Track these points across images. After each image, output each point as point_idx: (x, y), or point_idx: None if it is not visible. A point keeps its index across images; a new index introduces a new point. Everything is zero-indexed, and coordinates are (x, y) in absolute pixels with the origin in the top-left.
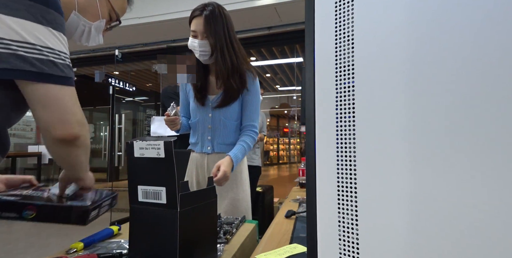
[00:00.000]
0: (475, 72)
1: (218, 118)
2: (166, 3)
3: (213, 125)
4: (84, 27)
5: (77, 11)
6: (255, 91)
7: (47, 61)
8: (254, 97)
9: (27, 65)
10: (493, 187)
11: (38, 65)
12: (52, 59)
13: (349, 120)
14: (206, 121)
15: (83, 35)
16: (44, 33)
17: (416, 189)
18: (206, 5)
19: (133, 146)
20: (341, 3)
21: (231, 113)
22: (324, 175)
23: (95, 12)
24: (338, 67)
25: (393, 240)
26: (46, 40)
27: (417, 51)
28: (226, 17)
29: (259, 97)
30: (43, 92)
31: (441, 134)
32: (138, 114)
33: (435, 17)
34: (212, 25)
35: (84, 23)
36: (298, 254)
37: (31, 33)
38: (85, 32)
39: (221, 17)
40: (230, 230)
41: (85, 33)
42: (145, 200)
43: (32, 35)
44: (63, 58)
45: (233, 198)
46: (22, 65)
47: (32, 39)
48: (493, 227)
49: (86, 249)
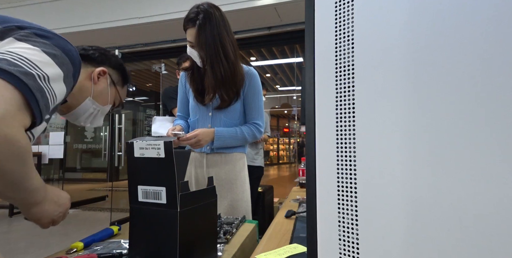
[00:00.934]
0: (475, 72)
1: (219, 117)
2: (166, 3)
3: (213, 125)
4: (93, 111)
5: (92, 98)
6: (254, 90)
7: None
8: (254, 95)
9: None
10: (493, 187)
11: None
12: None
13: (349, 121)
14: (206, 120)
15: (90, 117)
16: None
17: (416, 189)
18: (198, 12)
19: (133, 146)
20: (341, 3)
21: (231, 113)
22: (324, 175)
23: (106, 98)
24: (338, 67)
25: (393, 240)
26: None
27: (417, 51)
28: (219, 20)
29: (261, 95)
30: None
31: (441, 133)
32: (138, 114)
33: (435, 17)
34: (204, 37)
35: (95, 107)
36: (298, 254)
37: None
38: (92, 115)
39: (213, 22)
40: (230, 230)
41: (92, 115)
42: (145, 200)
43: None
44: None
45: (232, 198)
46: None
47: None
48: (493, 227)
49: (86, 249)
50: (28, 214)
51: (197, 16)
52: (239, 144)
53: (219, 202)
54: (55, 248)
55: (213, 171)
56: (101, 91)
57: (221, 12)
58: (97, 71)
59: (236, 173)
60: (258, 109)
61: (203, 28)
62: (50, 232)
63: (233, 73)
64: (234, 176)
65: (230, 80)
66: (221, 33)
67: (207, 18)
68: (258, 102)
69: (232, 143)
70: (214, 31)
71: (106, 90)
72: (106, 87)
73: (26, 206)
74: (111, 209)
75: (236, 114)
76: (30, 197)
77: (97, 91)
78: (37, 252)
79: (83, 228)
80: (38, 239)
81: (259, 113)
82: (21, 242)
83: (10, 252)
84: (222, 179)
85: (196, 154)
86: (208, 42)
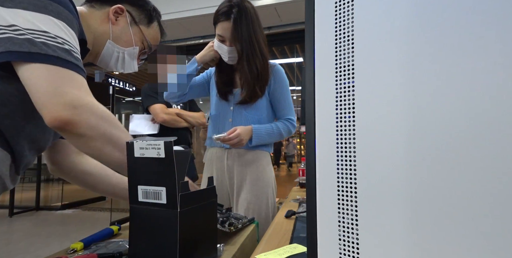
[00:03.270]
0: (475, 71)
1: (239, 112)
2: (166, 3)
3: (234, 119)
4: (118, 54)
5: (111, 40)
6: (282, 86)
7: (39, 42)
8: (282, 91)
9: (15, 46)
10: (494, 187)
11: (26, 45)
12: (44, 41)
13: (349, 121)
14: (227, 115)
15: (118, 61)
16: (41, 19)
17: (416, 189)
18: (232, 5)
19: (133, 146)
20: (341, 3)
21: (254, 108)
22: (324, 175)
23: (129, 39)
24: (338, 67)
25: (393, 240)
26: (42, 25)
27: (417, 51)
28: (252, 13)
29: (288, 91)
30: (28, 73)
31: (441, 133)
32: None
33: (435, 17)
34: (239, 31)
35: (118, 49)
36: (298, 254)
37: (26, 20)
38: (119, 59)
39: (248, 17)
40: (236, 224)
41: (119, 59)
42: (145, 200)
43: (27, 22)
44: (61, 42)
45: (250, 201)
46: (9, 46)
47: (26, 25)
48: (493, 227)
49: (86, 249)
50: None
51: (231, 10)
52: (275, 141)
53: (238, 203)
54: (55, 248)
55: (235, 169)
56: (120, 32)
57: (254, 8)
58: (112, 10)
59: (258, 173)
60: (289, 104)
61: (239, 22)
62: (50, 232)
63: (266, 69)
64: (256, 176)
65: (265, 75)
66: (256, 29)
67: (242, 12)
68: (288, 97)
69: (269, 140)
70: (249, 26)
71: (127, 30)
72: (126, 26)
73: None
74: (111, 209)
75: (258, 109)
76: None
77: (116, 32)
78: (37, 252)
79: (83, 228)
80: (38, 239)
81: (290, 108)
82: (21, 242)
83: (10, 252)
84: (244, 178)
85: (216, 149)
86: (244, 37)
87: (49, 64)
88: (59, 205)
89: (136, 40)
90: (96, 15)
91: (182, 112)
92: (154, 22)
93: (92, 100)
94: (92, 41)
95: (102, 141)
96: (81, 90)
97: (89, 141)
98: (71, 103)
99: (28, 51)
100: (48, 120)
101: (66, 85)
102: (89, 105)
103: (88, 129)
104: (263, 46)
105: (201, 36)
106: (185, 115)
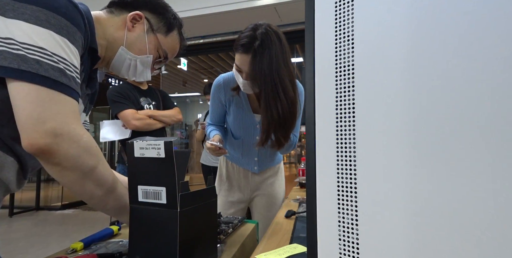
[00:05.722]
0: (476, 71)
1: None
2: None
3: (260, 148)
4: (130, 61)
5: (124, 46)
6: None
7: (31, 59)
8: (300, 110)
9: (5, 61)
10: (494, 187)
11: (17, 61)
12: (38, 58)
13: (349, 121)
14: (252, 142)
15: (130, 69)
16: (41, 34)
17: (416, 189)
18: (254, 37)
19: (133, 145)
20: (341, 3)
21: None
22: (324, 175)
23: (143, 47)
24: (338, 67)
25: (393, 240)
26: (40, 40)
27: (417, 51)
28: (277, 47)
29: (302, 107)
30: (15, 93)
31: (441, 133)
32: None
33: (435, 17)
34: (258, 69)
35: (130, 57)
36: (298, 254)
37: (25, 33)
38: (131, 66)
39: (272, 52)
40: (226, 229)
41: (131, 67)
42: (145, 200)
43: (25, 35)
44: (56, 60)
45: (270, 217)
46: (0, 61)
47: (23, 38)
48: (494, 227)
49: (86, 249)
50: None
51: (252, 43)
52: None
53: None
54: (55, 248)
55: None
56: (135, 39)
57: (281, 37)
58: (130, 16)
59: (276, 188)
60: (298, 123)
61: (258, 59)
62: (50, 232)
63: (293, 113)
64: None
65: (289, 121)
66: (279, 66)
67: (266, 47)
68: (299, 117)
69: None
70: (272, 64)
71: (142, 38)
72: (142, 34)
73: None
74: None
75: None
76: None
77: (130, 39)
78: (37, 252)
79: (83, 228)
80: (38, 239)
81: (297, 125)
82: (21, 242)
83: (10, 252)
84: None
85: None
86: (263, 75)
87: (37, 84)
88: (59, 205)
89: (151, 48)
90: (113, 21)
91: (155, 113)
92: (173, 30)
93: (76, 128)
94: (106, 47)
95: (78, 173)
96: (67, 117)
97: (64, 170)
98: (53, 131)
99: (17, 68)
100: (24, 145)
101: (51, 110)
102: (71, 134)
103: (65, 159)
104: (288, 87)
105: (201, 36)
106: (159, 116)
